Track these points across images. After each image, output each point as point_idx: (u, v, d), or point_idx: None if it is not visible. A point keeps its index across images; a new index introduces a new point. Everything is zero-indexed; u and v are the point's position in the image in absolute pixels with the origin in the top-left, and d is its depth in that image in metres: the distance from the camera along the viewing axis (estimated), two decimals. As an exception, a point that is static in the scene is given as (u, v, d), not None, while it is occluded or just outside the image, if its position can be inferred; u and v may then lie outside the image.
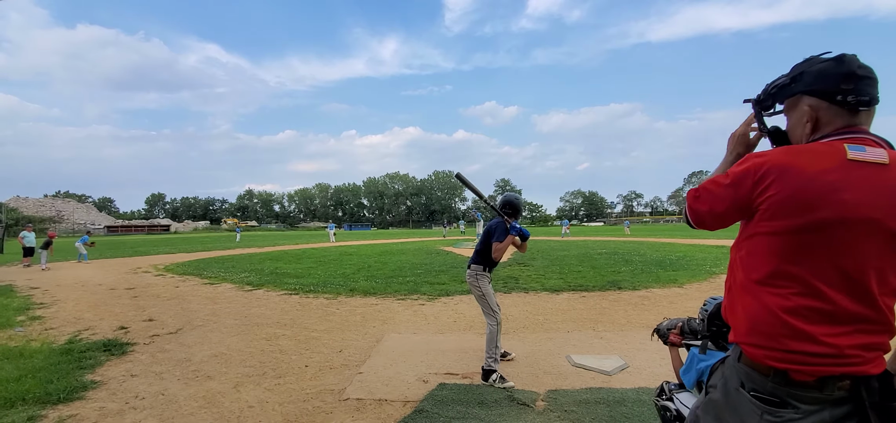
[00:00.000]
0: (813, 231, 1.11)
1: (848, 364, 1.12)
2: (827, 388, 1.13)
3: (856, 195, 1.09)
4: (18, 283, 11.24)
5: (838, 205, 1.09)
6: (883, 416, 1.12)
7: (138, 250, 23.26)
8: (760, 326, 1.19)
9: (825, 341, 1.13)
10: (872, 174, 1.10)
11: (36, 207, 77.29)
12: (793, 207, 1.12)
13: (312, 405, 3.39)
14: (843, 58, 1.18)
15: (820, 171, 1.11)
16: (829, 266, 1.12)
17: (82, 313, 7.12)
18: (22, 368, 4.23)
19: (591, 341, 5.01)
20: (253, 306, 7.41)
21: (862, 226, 1.09)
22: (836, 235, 1.10)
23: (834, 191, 1.09)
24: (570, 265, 12.30)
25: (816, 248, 1.12)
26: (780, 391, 1.16)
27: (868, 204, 1.09)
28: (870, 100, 1.17)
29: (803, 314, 1.14)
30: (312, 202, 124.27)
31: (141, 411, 3.34)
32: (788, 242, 1.14)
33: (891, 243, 1.11)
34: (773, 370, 1.17)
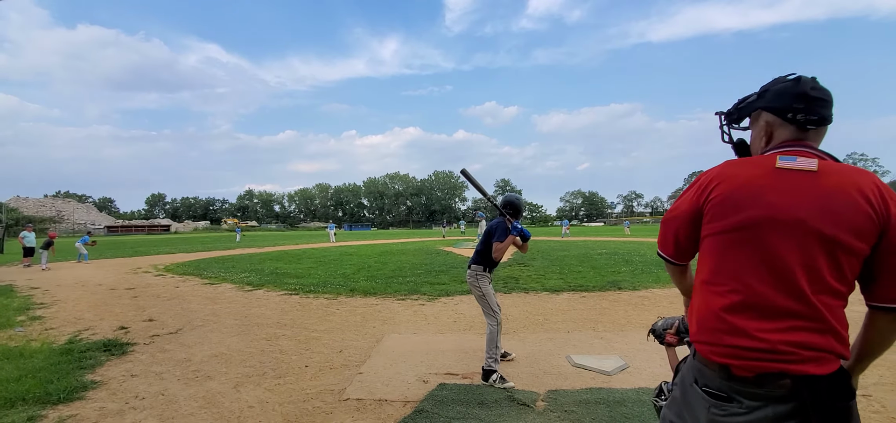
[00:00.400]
0: (742, 229, 1.22)
1: (783, 361, 1.17)
2: (767, 384, 1.19)
3: (781, 198, 1.20)
4: (19, 283, 11.24)
5: (764, 206, 1.20)
6: (825, 417, 1.16)
7: (138, 250, 23.26)
8: (705, 323, 1.29)
9: (758, 337, 1.19)
10: (800, 180, 1.21)
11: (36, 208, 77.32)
12: (726, 209, 1.24)
13: (312, 406, 3.39)
14: (799, 79, 1.29)
15: (750, 177, 1.24)
16: (759, 263, 1.21)
17: (82, 314, 7.12)
18: (22, 368, 4.23)
19: (591, 341, 5.01)
20: (253, 307, 7.41)
21: (788, 226, 1.19)
22: (762, 233, 1.20)
23: (761, 193, 1.21)
24: (570, 266, 12.31)
25: (746, 245, 1.22)
26: (725, 386, 1.24)
27: (793, 206, 1.19)
28: (819, 119, 1.27)
29: (738, 310, 1.23)
30: (313, 202, 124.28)
31: (141, 411, 3.34)
32: (723, 241, 1.26)
33: (820, 242, 1.18)
34: (718, 366, 1.25)
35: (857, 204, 1.17)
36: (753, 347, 1.20)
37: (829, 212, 1.17)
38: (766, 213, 1.20)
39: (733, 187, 1.24)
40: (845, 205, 1.17)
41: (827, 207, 1.18)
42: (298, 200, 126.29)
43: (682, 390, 1.38)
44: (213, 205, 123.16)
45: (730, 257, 1.25)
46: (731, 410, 1.23)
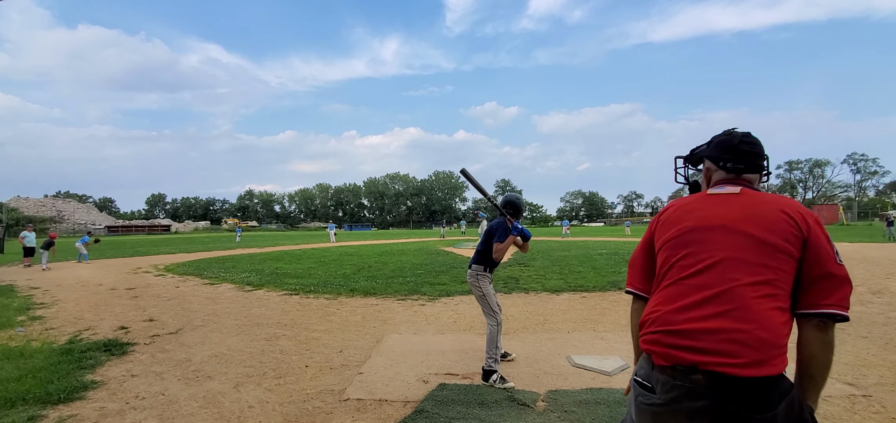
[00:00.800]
0: (676, 237, 1.42)
1: (699, 353, 1.22)
2: (679, 376, 1.24)
3: (709, 212, 1.41)
4: (19, 283, 11.24)
5: (695, 219, 1.41)
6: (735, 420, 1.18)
7: (139, 251, 23.27)
8: (646, 315, 1.42)
9: (677, 324, 1.29)
10: (724, 199, 1.42)
11: (36, 208, 77.34)
12: (666, 227, 1.48)
13: (313, 406, 3.39)
14: (731, 134, 1.52)
15: (686, 202, 1.50)
16: (687, 257, 1.36)
17: (83, 314, 7.12)
18: (22, 368, 4.23)
19: (591, 341, 5.00)
20: (253, 307, 7.41)
21: (714, 228, 1.36)
22: (692, 235, 1.39)
23: (693, 211, 1.44)
24: (570, 266, 12.30)
25: (678, 248, 1.40)
26: (650, 376, 1.33)
27: (718, 215, 1.38)
28: (745, 167, 1.48)
29: (665, 301, 1.36)
30: (313, 202, 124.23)
31: (141, 411, 3.34)
32: (663, 251, 1.45)
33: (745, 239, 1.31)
34: (645, 355, 1.37)
35: (777, 213, 1.32)
36: (671, 331, 1.29)
37: (752, 217, 1.34)
38: (695, 223, 1.41)
39: (673, 211, 1.50)
40: (766, 212, 1.33)
41: (749, 215, 1.34)
42: (299, 201, 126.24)
43: (632, 382, 1.48)
44: (214, 205, 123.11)
45: (668, 261, 1.42)
46: (652, 399, 1.31)
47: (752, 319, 1.21)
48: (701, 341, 1.23)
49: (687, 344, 1.24)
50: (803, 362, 1.29)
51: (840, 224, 50.98)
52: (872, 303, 6.87)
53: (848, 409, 3.20)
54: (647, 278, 1.57)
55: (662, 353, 1.29)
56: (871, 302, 6.93)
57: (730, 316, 1.23)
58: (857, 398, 3.36)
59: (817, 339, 1.26)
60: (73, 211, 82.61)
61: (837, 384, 3.63)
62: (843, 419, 3.08)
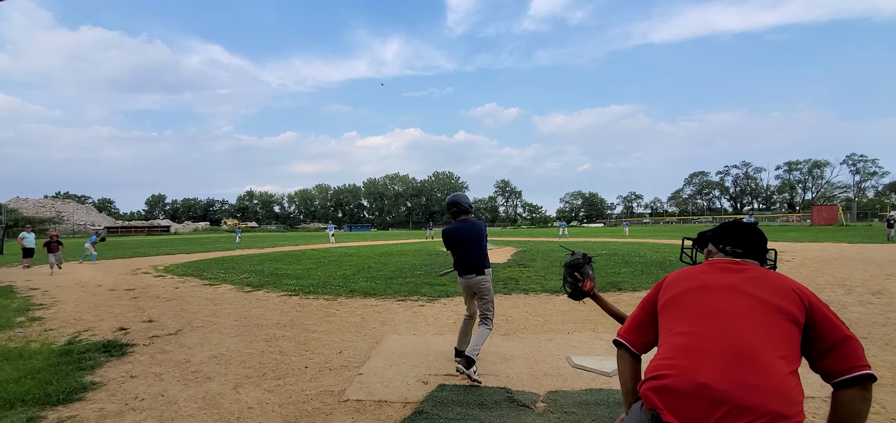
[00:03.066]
0: (679, 295, 1.47)
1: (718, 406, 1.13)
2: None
3: (713, 277, 1.46)
4: (18, 284, 11.23)
5: (701, 280, 1.46)
6: None
7: (138, 251, 23.25)
8: (653, 365, 1.36)
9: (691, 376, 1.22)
10: (730, 266, 1.49)
11: (36, 208, 77.28)
12: (670, 287, 1.52)
13: (312, 407, 3.39)
14: (733, 223, 1.64)
15: (690, 270, 1.56)
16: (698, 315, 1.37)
17: (82, 314, 7.11)
18: (21, 369, 4.23)
19: (591, 342, 5.00)
20: (253, 308, 7.40)
21: (721, 290, 1.40)
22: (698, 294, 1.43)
23: (698, 275, 1.50)
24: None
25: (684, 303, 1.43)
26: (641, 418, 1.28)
27: (723, 279, 1.43)
28: (744, 252, 1.56)
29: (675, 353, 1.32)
30: (312, 203, 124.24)
31: (140, 412, 3.33)
32: (669, 306, 1.48)
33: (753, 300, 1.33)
34: (650, 413, 1.27)
35: (780, 282, 1.38)
36: (683, 384, 1.22)
37: (757, 282, 1.39)
38: (702, 283, 1.45)
39: (676, 275, 1.57)
40: (770, 279, 1.40)
41: (754, 280, 1.40)
42: (298, 201, 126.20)
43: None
44: (213, 206, 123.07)
45: (674, 313, 1.45)
46: None
47: (771, 375, 1.17)
48: (718, 393, 1.15)
49: (703, 395, 1.16)
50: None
51: (839, 225, 50.98)
52: (872, 304, 6.87)
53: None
54: (637, 330, 1.61)
55: (673, 408, 1.20)
56: (870, 303, 6.94)
57: (748, 369, 1.18)
58: None
59: (864, 398, 1.26)
60: (72, 212, 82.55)
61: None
62: (842, 419, 3.07)
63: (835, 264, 12.06)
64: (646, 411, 1.29)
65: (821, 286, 8.53)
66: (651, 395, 1.27)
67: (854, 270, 10.87)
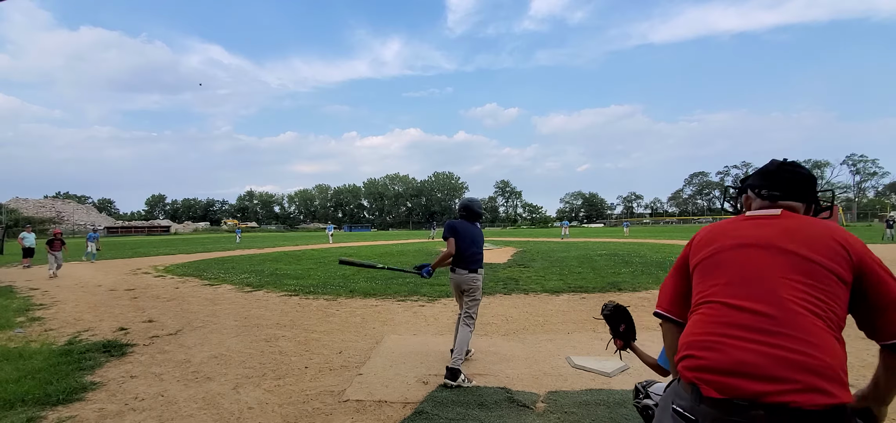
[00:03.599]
0: (715, 254, 1.36)
1: (762, 381, 1.08)
2: (736, 412, 1.09)
3: (750, 231, 1.35)
4: (18, 284, 11.23)
5: (734, 237, 1.36)
6: None
7: (138, 251, 23.25)
8: (683, 341, 1.30)
9: (728, 349, 1.15)
10: (764, 221, 1.37)
11: (36, 208, 77.26)
12: (702, 245, 1.43)
13: (312, 407, 3.39)
14: (772, 163, 1.52)
15: (721, 224, 1.45)
16: (732, 278, 1.27)
17: (82, 315, 7.11)
18: (21, 369, 4.23)
19: (591, 342, 5.00)
20: (253, 308, 7.40)
21: (759, 246, 1.29)
22: (735, 253, 1.32)
23: (731, 231, 1.39)
24: (570, 267, 12.29)
25: (720, 264, 1.33)
26: (696, 410, 1.18)
27: (762, 235, 1.31)
28: (781, 194, 1.44)
29: (712, 323, 1.24)
30: (312, 203, 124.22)
31: (140, 412, 3.33)
32: (700, 269, 1.40)
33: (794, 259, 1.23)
34: (691, 386, 1.21)
35: (823, 234, 1.26)
36: (721, 361, 1.15)
37: (798, 237, 1.26)
38: (736, 241, 1.34)
39: (706, 232, 1.47)
40: (812, 233, 1.26)
41: (794, 235, 1.27)
42: (298, 202, 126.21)
43: (661, 411, 1.36)
44: (214, 206, 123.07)
45: (706, 279, 1.35)
46: None
47: (814, 343, 1.11)
48: (761, 369, 1.09)
49: (745, 373, 1.10)
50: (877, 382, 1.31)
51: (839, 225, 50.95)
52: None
53: (848, 410, 3.19)
54: (677, 300, 1.52)
55: (715, 383, 1.13)
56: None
57: (790, 339, 1.11)
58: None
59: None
60: (72, 212, 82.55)
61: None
62: (842, 420, 3.07)
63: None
64: (685, 385, 1.24)
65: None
66: (689, 374, 1.21)
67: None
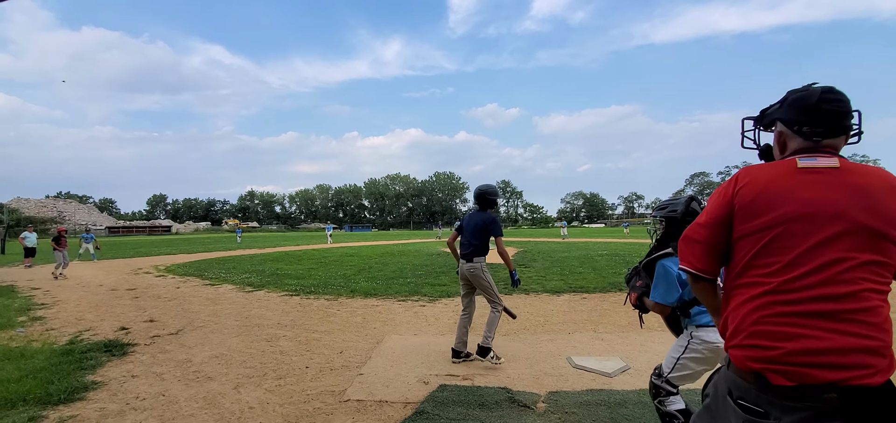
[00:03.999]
0: (777, 226, 1.18)
1: (830, 367, 1.07)
2: (809, 397, 1.07)
3: (813, 194, 1.17)
4: (20, 283, 11.25)
5: (799, 202, 1.17)
6: None
7: (139, 251, 23.28)
8: (740, 326, 1.21)
9: (800, 340, 1.10)
10: (827, 176, 1.19)
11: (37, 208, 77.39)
12: (758, 208, 1.21)
13: (313, 406, 3.39)
14: (808, 91, 1.28)
15: (773, 178, 1.22)
16: (800, 259, 1.15)
17: (83, 314, 7.12)
18: (23, 368, 4.23)
19: (592, 342, 5.00)
20: (254, 308, 7.41)
21: (828, 219, 1.14)
22: (801, 228, 1.15)
23: (790, 192, 1.18)
24: (570, 267, 12.29)
25: (784, 242, 1.17)
26: (762, 399, 1.13)
27: (830, 200, 1.16)
28: (825, 131, 1.25)
29: (777, 311, 1.15)
30: (313, 204, 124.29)
31: (142, 411, 3.34)
32: (757, 240, 1.21)
33: (865, 236, 1.13)
34: (754, 375, 1.16)
35: (890, 194, 1.16)
36: (794, 350, 1.10)
37: (867, 205, 1.14)
38: (797, 209, 1.16)
39: (760, 189, 1.22)
40: (879, 195, 1.15)
41: (863, 200, 1.15)
42: (299, 202, 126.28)
43: (715, 401, 1.30)
44: (215, 206, 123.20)
45: (767, 256, 1.19)
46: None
47: (881, 326, 1.10)
48: (834, 357, 1.07)
49: (818, 361, 1.07)
50: None
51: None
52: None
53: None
54: (713, 258, 1.33)
55: (785, 373, 1.09)
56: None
57: (861, 325, 1.09)
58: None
59: None
60: (73, 212, 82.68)
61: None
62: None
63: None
64: (744, 373, 1.18)
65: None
66: (754, 365, 1.15)
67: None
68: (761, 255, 1.20)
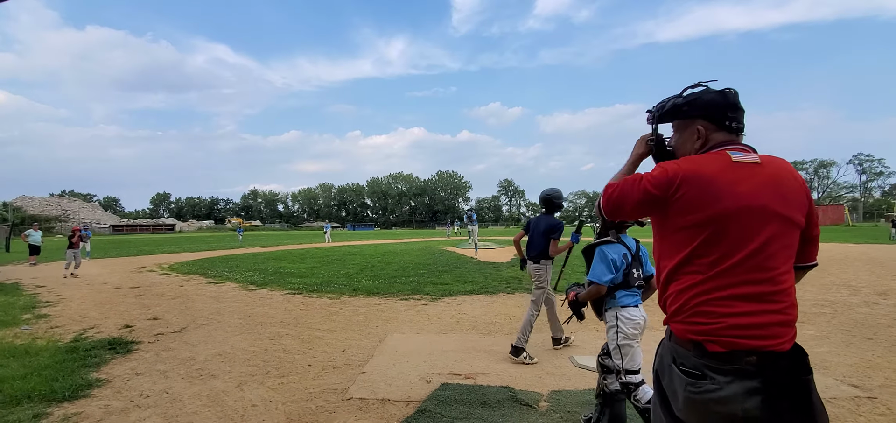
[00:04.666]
0: (719, 219, 1.36)
1: (754, 338, 1.32)
2: (736, 360, 1.32)
3: (746, 187, 1.37)
4: (25, 281, 11.32)
5: (735, 196, 1.36)
6: (788, 392, 1.30)
7: (143, 249, 23.40)
8: (683, 307, 1.42)
9: (731, 316, 1.34)
10: (753, 171, 1.40)
11: (42, 207, 77.81)
12: (702, 202, 1.37)
13: (315, 405, 3.40)
14: (726, 92, 1.51)
15: (717, 171, 1.39)
16: (735, 248, 1.36)
17: (87, 312, 7.16)
18: (28, 366, 4.26)
19: (594, 342, 4.99)
20: (257, 306, 7.43)
21: (756, 212, 1.36)
22: (738, 220, 1.36)
23: (730, 185, 1.36)
24: (573, 266, 12.26)
25: (723, 232, 1.37)
26: (699, 364, 1.36)
27: (757, 194, 1.37)
28: (741, 127, 1.51)
29: (715, 292, 1.37)
30: (316, 202, 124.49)
31: (145, 409, 3.35)
32: (701, 230, 1.39)
33: (782, 223, 1.38)
34: (693, 344, 1.38)
35: (797, 186, 1.43)
36: (727, 325, 1.34)
37: (780, 195, 1.39)
38: (738, 203, 1.36)
39: (706, 182, 1.38)
40: (791, 188, 1.42)
41: (778, 191, 1.39)
42: (302, 200, 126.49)
43: (662, 369, 1.51)
44: (218, 205, 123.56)
45: (708, 244, 1.38)
46: (705, 386, 1.34)
47: (792, 303, 1.38)
48: (757, 330, 1.33)
49: (745, 333, 1.32)
50: None
51: (845, 225, 50.59)
52: (878, 304, 6.83)
53: (852, 411, 3.18)
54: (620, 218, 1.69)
55: (721, 342, 1.34)
56: (876, 304, 6.89)
57: (778, 303, 1.36)
58: (862, 400, 3.34)
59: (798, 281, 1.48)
60: (78, 210, 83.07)
61: (842, 386, 3.60)
62: (847, 420, 3.06)
63: (840, 265, 11.98)
64: (685, 342, 1.41)
65: (826, 287, 8.48)
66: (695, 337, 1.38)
67: (859, 271, 10.79)
68: (703, 245, 1.39)
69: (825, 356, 4.41)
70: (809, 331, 5.34)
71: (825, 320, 5.93)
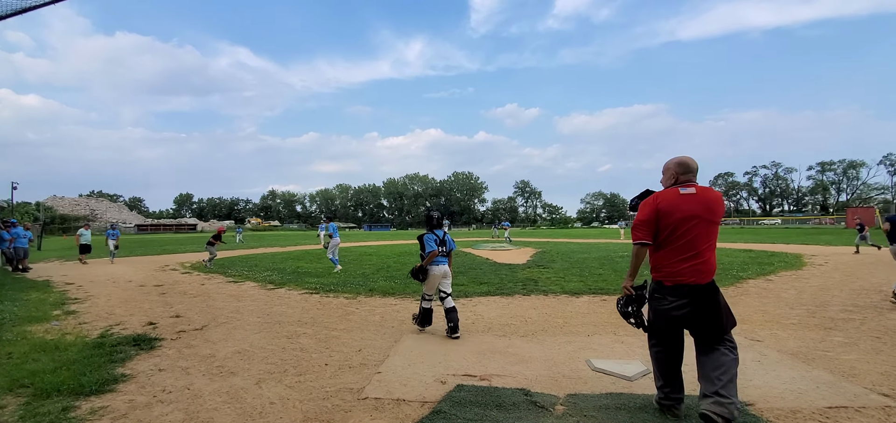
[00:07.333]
0: (675, 225, 2.91)
1: (689, 276, 2.87)
2: (679, 291, 2.91)
3: (686, 207, 2.90)
4: (55, 278, 11.73)
5: (680, 212, 2.90)
6: (704, 304, 2.86)
7: (166, 248, 24.00)
8: (659, 265, 3.02)
9: (678, 270, 2.90)
10: (691, 197, 2.93)
11: (71, 206, 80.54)
12: (666, 215, 2.94)
13: (332, 403, 3.43)
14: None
15: (672, 199, 2.96)
16: (682, 238, 2.90)
17: (114, 309, 7.38)
18: (57, 360, 4.42)
19: (612, 345, 4.92)
20: (275, 305, 7.55)
21: (692, 219, 2.88)
22: (682, 224, 2.89)
23: (678, 206, 2.91)
24: (590, 268, 12.12)
25: (677, 231, 2.91)
26: (663, 290, 2.99)
27: (692, 210, 2.89)
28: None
29: (672, 260, 2.93)
30: (333, 203, 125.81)
31: (168, 404, 3.44)
32: (667, 231, 2.94)
33: (707, 225, 2.90)
34: (659, 284, 3.03)
35: (718, 202, 2.97)
36: (676, 272, 2.91)
37: (709, 209, 2.91)
38: (682, 215, 2.89)
39: (666, 206, 2.95)
40: (714, 203, 2.95)
41: (707, 207, 2.91)
42: (319, 201, 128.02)
43: (650, 298, 3.15)
44: (238, 205, 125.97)
45: (671, 237, 2.94)
46: (663, 303, 2.98)
47: (710, 261, 2.92)
48: (690, 274, 2.87)
49: (685, 277, 2.88)
50: None
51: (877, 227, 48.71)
52: (911, 311, 6.54)
53: (883, 420, 3.06)
54: (651, 235, 3.01)
55: (672, 280, 2.93)
56: (909, 310, 6.60)
57: (701, 260, 2.89)
58: (893, 410, 3.21)
59: None
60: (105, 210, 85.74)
61: (872, 395, 3.47)
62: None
63: (870, 269, 11.54)
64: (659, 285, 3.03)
65: (856, 292, 8.18)
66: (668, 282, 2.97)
67: (891, 274, 10.36)
68: (668, 237, 2.94)
69: (854, 363, 4.26)
70: (837, 337, 5.16)
71: (854, 326, 5.72)
